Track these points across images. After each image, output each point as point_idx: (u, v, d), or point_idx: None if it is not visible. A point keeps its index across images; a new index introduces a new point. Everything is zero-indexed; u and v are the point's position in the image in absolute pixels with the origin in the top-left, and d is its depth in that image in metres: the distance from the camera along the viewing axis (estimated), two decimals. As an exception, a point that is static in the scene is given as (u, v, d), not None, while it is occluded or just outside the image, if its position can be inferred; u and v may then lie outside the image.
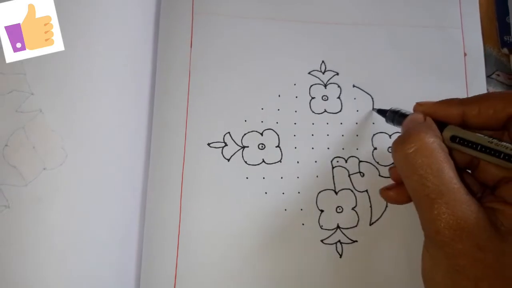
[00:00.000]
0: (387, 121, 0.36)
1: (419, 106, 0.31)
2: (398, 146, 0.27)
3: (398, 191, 0.31)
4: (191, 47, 0.40)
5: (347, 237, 0.38)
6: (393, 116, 0.34)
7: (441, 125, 0.28)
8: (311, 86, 0.41)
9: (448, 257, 0.25)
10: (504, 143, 0.26)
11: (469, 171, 0.31)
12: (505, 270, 0.24)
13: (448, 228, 0.24)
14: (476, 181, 0.30)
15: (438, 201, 0.25)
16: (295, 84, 0.41)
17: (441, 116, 0.29)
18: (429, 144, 0.26)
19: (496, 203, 0.26)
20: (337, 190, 0.39)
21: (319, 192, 0.39)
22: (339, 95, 0.41)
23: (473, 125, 0.28)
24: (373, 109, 0.40)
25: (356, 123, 0.40)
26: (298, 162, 0.39)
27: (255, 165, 0.39)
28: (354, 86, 0.41)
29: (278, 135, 0.40)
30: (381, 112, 0.38)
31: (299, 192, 0.39)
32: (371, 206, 0.39)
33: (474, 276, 0.24)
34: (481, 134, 0.27)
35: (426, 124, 0.28)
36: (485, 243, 0.24)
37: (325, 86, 0.41)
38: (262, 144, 0.39)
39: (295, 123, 0.40)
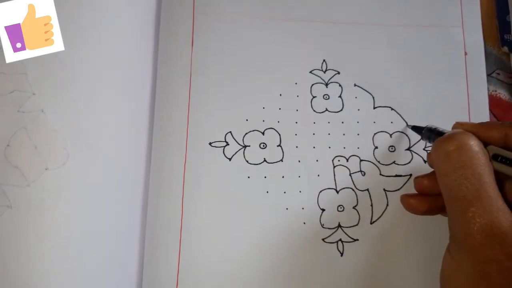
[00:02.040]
0: (423, 138, 0.36)
1: (459, 125, 0.30)
2: (440, 143, 0.27)
3: (420, 200, 0.31)
4: (192, 46, 0.40)
5: (348, 236, 0.38)
6: (430, 134, 0.34)
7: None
8: (312, 85, 0.41)
9: (474, 262, 0.24)
10: None
11: None
12: None
13: (481, 232, 0.24)
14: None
15: (475, 204, 0.25)
16: (296, 83, 0.41)
17: (482, 137, 0.29)
18: (473, 146, 0.26)
19: None
20: (338, 189, 0.39)
21: (320, 191, 0.39)
22: (340, 94, 0.41)
23: None
24: (407, 125, 0.40)
25: (357, 122, 0.40)
26: (299, 161, 0.39)
27: (257, 164, 0.39)
28: (355, 85, 0.41)
29: (279, 134, 0.40)
30: (417, 129, 0.37)
31: (300, 191, 0.39)
32: (372, 205, 0.39)
33: (498, 283, 0.24)
34: None
35: (469, 133, 0.28)
36: None
37: (326, 85, 0.41)
38: (264, 143, 0.39)
39: (296, 122, 0.40)
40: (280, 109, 0.40)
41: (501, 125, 0.29)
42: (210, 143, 0.39)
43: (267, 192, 0.38)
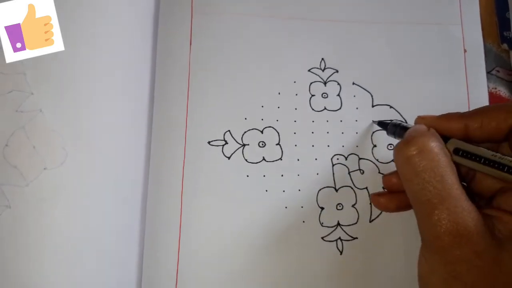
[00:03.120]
0: (388, 134, 0.36)
1: (420, 119, 0.30)
2: (400, 148, 0.27)
3: (389, 198, 0.31)
4: (190, 45, 0.40)
5: (348, 234, 0.38)
6: (395, 129, 0.34)
7: (444, 139, 0.28)
8: (311, 83, 0.41)
9: (445, 263, 0.25)
10: (508, 157, 0.26)
11: (465, 183, 0.31)
12: (501, 277, 0.24)
13: (448, 234, 0.24)
14: (472, 192, 0.30)
15: (440, 206, 0.25)
16: (295, 82, 0.41)
17: (443, 130, 0.29)
18: (433, 148, 0.26)
19: (493, 210, 0.27)
20: (337, 188, 0.39)
21: (320, 190, 0.39)
22: (339, 92, 0.41)
23: (475, 138, 0.28)
24: (374, 121, 0.40)
25: (356, 121, 0.40)
26: (298, 159, 0.39)
27: (256, 163, 0.39)
28: (353, 83, 0.41)
29: (278, 133, 0.40)
30: (382, 124, 0.38)
31: (299, 190, 0.39)
32: (371, 203, 0.39)
33: (471, 282, 0.24)
34: (483, 148, 0.27)
35: (429, 132, 0.28)
36: (483, 250, 0.24)
37: (325, 83, 0.41)
38: (263, 142, 0.39)
39: (295, 121, 0.40)
40: (279, 107, 0.40)
41: (461, 116, 0.29)
42: (209, 142, 0.39)
43: (266, 190, 0.38)
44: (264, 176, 0.39)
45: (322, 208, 0.38)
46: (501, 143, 0.29)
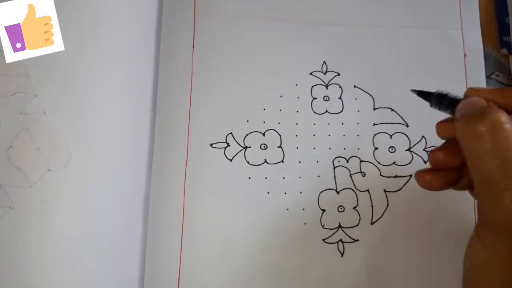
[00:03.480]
0: (432, 105, 0.32)
1: (473, 91, 0.28)
2: (470, 123, 0.25)
3: (435, 175, 0.29)
4: (193, 48, 0.41)
5: (349, 236, 0.38)
6: (440, 99, 0.31)
7: None
8: (312, 86, 0.41)
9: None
10: None
11: None
12: None
13: None
14: None
15: None
16: (296, 85, 0.41)
17: (500, 104, 0.26)
18: (506, 123, 0.24)
19: None
20: (338, 190, 0.39)
21: (321, 192, 0.39)
22: (340, 95, 0.41)
23: None
24: (412, 90, 0.34)
25: (357, 124, 0.40)
26: (300, 162, 0.39)
27: (257, 165, 0.39)
28: (355, 86, 0.41)
29: (280, 136, 0.40)
30: (424, 94, 0.33)
31: (301, 192, 0.39)
32: (372, 206, 0.39)
33: None
34: None
35: (495, 106, 0.26)
36: None
37: (327, 86, 0.41)
38: (264, 144, 0.40)
39: (296, 124, 0.40)
40: (280, 110, 0.40)
41: None
42: (211, 144, 0.39)
43: (268, 193, 0.39)
44: (265, 178, 0.39)
45: (324, 210, 0.39)
46: None
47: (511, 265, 0.23)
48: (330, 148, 0.40)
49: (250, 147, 0.39)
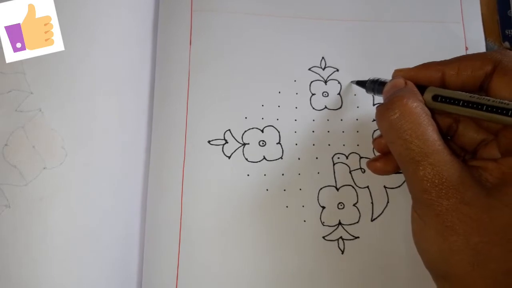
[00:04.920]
0: (367, 91, 0.36)
1: (398, 72, 0.32)
2: (382, 112, 0.28)
3: (384, 161, 0.32)
4: (190, 44, 0.40)
5: (349, 234, 0.38)
6: (373, 85, 0.35)
7: (422, 88, 0.29)
8: (311, 82, 0.41)
9: (436, 214, 0.26)
10: (484, 97, 0.27)
11: (449, 137, 0.32)
12: (493, 223, 0.25)
13: (434, 187, 0.26)
14: (457, 147, 0.32)
15: (423, 162, 0.26)
16: (295, 81, 0.41)
17: (421, 79, 0.30)
18: (413, 109, 0.27)
19: (477, 161, 0.28)
20: (338, 187, 0.39)
21: (321, 189, 0.39)
22: (339, 91, 0.41)
23: (451, 85, 0.29)
24: (352, 81, 0.40)
25: (357, 120, 0.40)
26: (299, 158, 0.39)
27: (256, 162, 0.39)
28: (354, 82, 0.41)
29: (278, 132, 0.39)
30: (360, 83, 0.38)
31: (300, 189, 0.38)
32: (372, 202, 0.38)
33: (463, 231, 0.25)
34: (460, 92, 0.28)
35: (408, 89, 0.29)
36: (471, 199, 0.25)
37: (325, 82, 0.41)
38: (263, 141, 0.39)
39: (295, 120, 0.40)
40: (279, 106, 0.40)
41: (438, 64, 0.30)
42: (209, 141, 0.39)
43: (267, 190, 0.38)
44: (264, 175, 0.39)
45: (323, 207, 0.38)
46: (478, 92, 0.29)
47: (438, 229, 0.26)
48: (329, 145, 0.39)
49: (248, 143, 0.39)
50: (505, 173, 0.26)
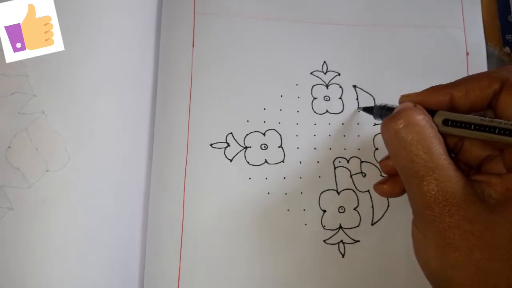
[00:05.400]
0: (375, 117, 0.36)
1: (405, 98, 0.31)
2: (387, 123, 0.28)
3: (392, 183, 0.31)
4: (193, 47, 0.40)
5: (350, 237, 0.38)
6: (380, 111, 0.34)
7: (431, 113, 0.29)
8: (313, 86, 0.41)
9: (439, 231, 0.25)
10: (496, 120, 0.27)
11: (453, 155, 0.32)
12: (496, 239, 0.25)
13: (438, 203, 0.25)
14: (461, 162, 0.31)
15: (427, 177, 0.25)
16: (297, 85, 0.41)
17: (430, 103, 0.29)
18: (419, 121, 0.26)
19: (481, 176, 0.27)
20: (339, 191, 0.39)
21: (322, 193, 0.39)
22: (341, 95, 0.41)
23: (460, 107, 0.29)
24: (358, 108, 0.40)
25: (358, 124, 0.40)
26: (300, 162, 0.39)
27: (258, 165, 0.39)
28: (355, 86, 0.41)
29: (280, 136, 0.40)
30: (367, 109, 0.38)
31: (301, 193, 0.39)
32: (373, 206, 0.39)
33: (465, 247, 0.25)
34: (471, 115, 0.28)
35: (417, 107, 0.29)
36: (474, 216, 0.25)
37: (327, 86, 0.41)
38: (265, 144, 0.39)
39: (297, 124, 0.40)
40: (281, 110, 0.40)
41: (445, 87, 0.29)
42: (211, 144, 0.39)
43: (268, 193, 0.38)
44: (266, 178, 0.39)
45: (324, 211, 0.38)
46: (485, 111, 0.29)
47: (438, 245, 0.25)
48: (330, 149, 0.40)
49: (250, 147, 0.39)
50: (509, 189, 0.26)
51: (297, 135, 0.40)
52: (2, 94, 0.35)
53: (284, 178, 0.39)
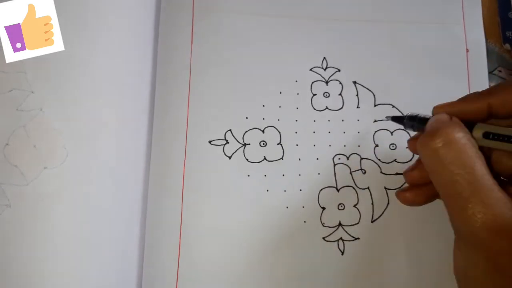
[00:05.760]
0: (406, 127, 0.34)
1: (439, 109, 0.29)
2: (426, 140, 0.26)
3: (415, 192, 0.30)
4: (191, 44, 0.40)
5: (349, 235, 0.38)
6: (412, 122, 0.32)
7: (468, 124, 0.27)
8: (312, 83, 0.41)
9: (486, 257, 0.24)
10: None
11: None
12: None
13: (485, 229, 0.23)
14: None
15: (472, 199, 0.24)
16: (296, 81, 0.41)
17: (466, 114, 0.28)
18: (460, 139, 0.25)
19: None
20: (338, 188, 0.39)
21: (321, 190, 0.39)
22: (341, 92, 0.41)
23: (499, 115, 0.27)
24: (387, 117, 0.38)
25: (358, 120, 0.40)
26: (299, 159, 0.39)
27: (257, 162, 0.39)
28: (355, 82, 0.41)
29: (279, 132, 0.39)
30: (397, 119, 0.35)
31: (300, 190, 0.38)
32: (372, 203, 0.38)
33: None
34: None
35: (454, 121, 0.27)
36: None
37: (327, 83, 0.41)
38: (264, 141, 0.39)
39: (296, 120, 0.40)
40: (280, 107, 0.40)
41: (481, 96, 0.28)
42: (210, 142, 0.39)
43: (267, 190, 0.38)
44: (265, 176, 0.39)
45: (324, 208, 0.38)
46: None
47: (485, 271, 0.24)
48: (330, 145, 0.39)
49: (249, 144, 0.39)
50: None
51: (296, 132, 0.40)
52: (0, 91, 0.35)
53: (283, 175, 0.39)
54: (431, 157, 0.25)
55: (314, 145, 0.39)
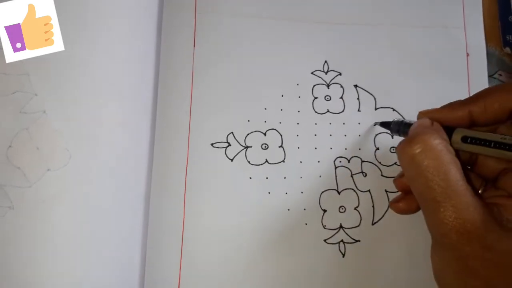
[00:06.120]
0: (392, 133, 0.35)
1: (423, 114, 0.30)
2: (403, 147, 0.27)
3: (407, 201, 0.31)
4: (194, 46, 0.40)
5: (350, 237, 0.38)
6: (398, 127, 0.34)
7: (449, 129, 0.28)
8: (314, 86, 0.41)
9: (457, 259, 0.25)
10: None
11: (469, 167, 0.31)
12: None
13: (455, 231, 0.24)
14: (477, 176, 0.30)
15: (445, 204, 0.25)
16: (298, 84, 0.41)
17: (447, 120, 0.29)
18: (435, 146, 0.26)
19: (499, 198, 0.27)
20: (339, 190, 0.39)
21: (322, 192, 0.39)
22: (342, 95, 0.41)
23: (480, 122, 0.28)
24: (375, 123, 0.40)
25: (359, 123, 0.40)
26: (301, 162, 0.39)
27: (258, 165, 0.39)
28: (356, 86, 0.41)
29: (281, 135, 0.40)
30: (385, 124, 0.38)
31: (302, 192, 0.39)
32: (373, 206, 0.39)
33: (485, 276, 0.24)
34: (490, 133, 0.27)
35: (433, 127, 0.28)
36: (493, 243, 0.24)
37: (328, 86, 0.41)
38: (265, 144, 0.39)
39: (298, 123, 0.40)
40: (282, 110, 0.40)
41: (463, 103, 0.29)
42: (212, 144, 0.39)
43: (269, 193, 0.38)
44: (267, 178, 0.39)
45: (325, 211, 0.38)
46: (505, 123, 0.29)
47: (458, 273, 0.25)
48: (331, 148, 0.40)
49: (251, 146, 0.39)
50: None
51: (297, 135, 0.40)
52: (3, 93, 0.35)
53: (285, 177, 0.39)
54: (408, 163, 0.26)
55: (316, 148, 0.40)
